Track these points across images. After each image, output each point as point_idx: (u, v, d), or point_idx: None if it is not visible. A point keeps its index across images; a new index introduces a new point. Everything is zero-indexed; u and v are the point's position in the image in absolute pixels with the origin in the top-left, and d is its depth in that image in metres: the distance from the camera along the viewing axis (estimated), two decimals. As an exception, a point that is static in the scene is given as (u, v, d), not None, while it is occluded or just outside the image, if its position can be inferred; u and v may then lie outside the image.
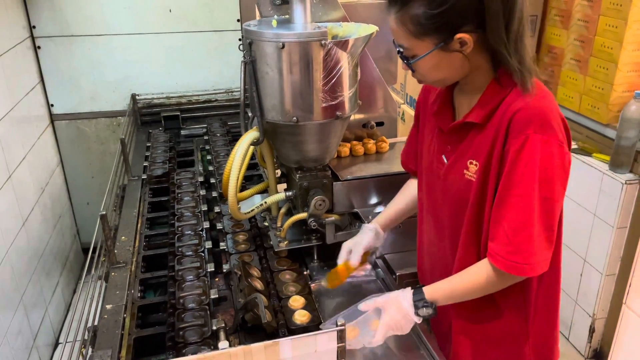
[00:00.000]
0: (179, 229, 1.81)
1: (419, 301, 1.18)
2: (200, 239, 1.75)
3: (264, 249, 1.73)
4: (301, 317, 1.41)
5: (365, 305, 1.25)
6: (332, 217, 1.60)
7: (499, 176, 1.10)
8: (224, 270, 1.66)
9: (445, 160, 1.23)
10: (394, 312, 1.20)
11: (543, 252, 1.09)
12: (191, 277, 1.56)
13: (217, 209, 1.97)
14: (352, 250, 1.46)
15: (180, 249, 1.69)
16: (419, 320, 1.20)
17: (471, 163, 1.16)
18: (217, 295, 1.47)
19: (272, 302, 1.46)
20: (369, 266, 1.57)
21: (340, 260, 1.47)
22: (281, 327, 1.37)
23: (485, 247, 1.16)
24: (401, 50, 1.13)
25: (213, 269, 1.60)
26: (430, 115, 1.30)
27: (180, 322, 1.38)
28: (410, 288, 1.22)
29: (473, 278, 1.17)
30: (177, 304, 1.44)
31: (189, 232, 1.79)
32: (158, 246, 1.85)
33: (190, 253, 1.68)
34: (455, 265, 1.26)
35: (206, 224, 1.84)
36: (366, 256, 1.48)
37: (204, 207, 1.96)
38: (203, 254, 1.67)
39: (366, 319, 1.24)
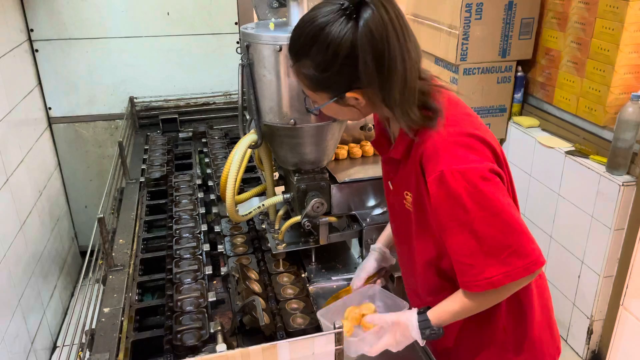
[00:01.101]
0: (177, 231, 1.81)
1: (425, 329, 1.16)
2: (198, 242, 1.75)
3: (261, 252, 1.73)
4: (299, 319, 1.41)
5: (372, 319, 1.23)
6: (326, 219, 1.60)
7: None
8: (222, 273, 1.66)
9: (391, 187, 1.27)
10: (399, 335, 1.18)
11: (521, 259, 1.04)
12: (189, 279, 1.55)
13: (215, 211, 1.97)
14: (355, 275, 1.47)
15: (178, 252, 1.69)
16: (423, 343, 1.18)
17: (407, 194, 1.18)
18: (214, 298, 1.47)
19: (270, 304, 1.46)
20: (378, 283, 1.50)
21: (354, 287, 1.46)
22: (279, 329, 1.37)
23: (449, 272, 1.18)
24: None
25: (211, 272, 1.60)
26: (372, 143, 1.34)
27: (178, 325, 1.37)
28: (415, 311, 1.19)
29: (453, 304, 1.15)
30: (175, 306, 1.44)
31: (187, 235, 1.79)
32: (156, 249, 1.84)
33: (188, 256, 1.67)
34: (419, 284, 1.29)
35: (204, 227, 1.84)
36: (373, 277, 1.47)
37: (202, 210, 1.96)
38: (201, 257, 1.67)
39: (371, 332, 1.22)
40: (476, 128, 1.09)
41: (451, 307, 1.16)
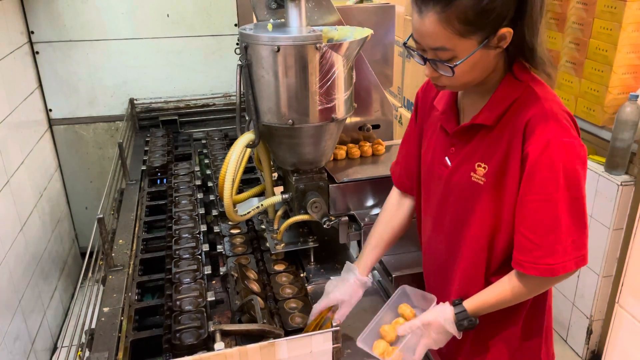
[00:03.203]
0: (177, 232, 1.82)
1: (463, 320, 1.15)
2: (197, 242, 1.75)
3: (260, 252, 1.74)
4: (298, 318, 1.42)
5: (404, 330, 1.20)
6: (346, 217, 1.60)
7: (519, 181, 1.08)
8: (221, 273, 1.66)
9: (449, 163, 1.20)
10: (434, 334, 1.17)
11: (578, 250, 1.07)
12: (188, 279, 1.56)
13: (214, 213, 1.98)
14: (340, 309, 1.36)
15: (177, 252, 1.70)
16: (459, 335, 1.17)
17: (479, 166, 1.13)
18: (214, 298, 1.47)
19: (268, 304, 1.47)
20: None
21: (316, 311, 1.37)
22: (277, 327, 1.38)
23: (496, 252, 1.16)
24: (437, 54, 1.04)
25: (210, 272, 1.60)
26: (432, 115, 1.28)
27: (177, 324, 1.38)
28: (449, 305, 1.17)
29: (500, 290, 1.14)
30: (174, 306, 1.45)
31: (186, 235, 1.80)
32: (156, 249, 1.85)
33: (188, 256, 1.68)
34: (459, 269, 1.24)
35: (203, 227, 1.84)
36: (328, 310, 1.37)
37: (202, 211, 1.97)
38: (200, 257, 1.68)
39: (407, 342, 1.20)
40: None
41: (493, 296, 1.15)
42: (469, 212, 1.18)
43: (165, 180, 2.33)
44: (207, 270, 1.60)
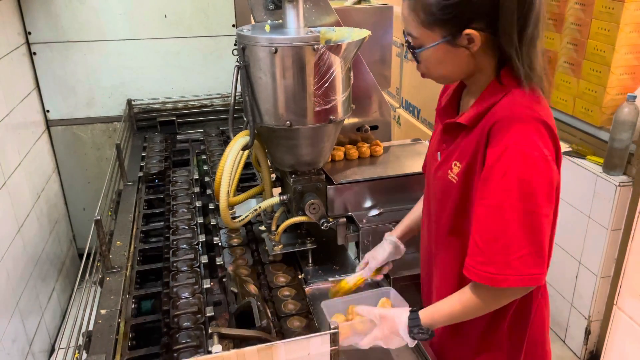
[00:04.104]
0: (174, 223, 1.82)
1: (414, 327, 1.14)
2: (194, 233, 1.75)
3: (258, 254, 1.74)
4: (296, 322, 1.41)
5: (362, 310, 1.23)
6: (344, 219, 1.60)
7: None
8: (219, 275, 1.66)
9: (439, 158, 1.22)
10: (387, 330, 1.17)
11: (527, 267, 1.03)
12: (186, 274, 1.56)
13: (213, 222, 1.97)
14: (368, 264, 1.47)
15: (175, 243, 1.70)
16: (412, 344, 1.16)
17: (455, 164, 1.14)
18: (209, 285, 1.47)
19: (266, 306, 1.47)
20: (380, 277, 1.53)
21: (358, 270, 1.49)
22: (277, 334, 1.37)
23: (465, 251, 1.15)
24: (409, 39, 1.11)
25: (208, 273, 1.60)
26: (438, 111, 1.31)
27: (175, 309, 1.38)
28: (408, 309, 1.17)
29: (465, 298, 1.12)
30: (172, 298, 1.44)
31: (184, 234, 1.80)
32: (153, 249, 1.85)
33: (185, 246, 1.68)
34: (436, 268, 1.26)
35: (200, 219, 1.84)
36: (381, 269, 1.49)
37: (199, 203, 1.97)
38: (197, 247, 1.68)
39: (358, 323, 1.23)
40: (552, 122, 1.06)
41: (446, 308, 1.14)
42: (444, 209, 1.20)
43: (163, 186, 2.30)
44: (205, 278, 1.59)
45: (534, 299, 1.22)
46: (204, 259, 1.59)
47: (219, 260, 1.68)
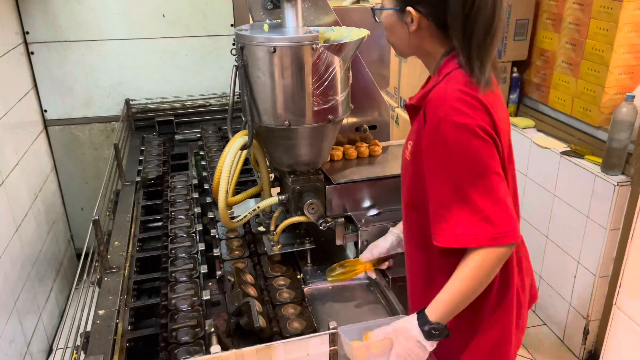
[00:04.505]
0: (172, 231, 1.81)
1: (424, 325, 1.12)
2: (193, 241, 1.75)
3: (257, 255, 1.73)
4: (295, 323, 1.41)
5: (375, 335, 1.20)
6: (342, 219, 1.60)
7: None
8: (217, 276, 1.65)
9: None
10: (403, 341, 1.15)
11: (493, 226, 1.05)
12: (184, 278, 1.55)
13: (210, 215, 1.97)
14: (367, 249, 1.52)
15: (173, 252, 1.69)
16: (432, 347, 1.14)
17: (409, 144, 1.22)
18: (209, 297, 1.46)
19: (265, 308, 1.46)
20: (373, 275, 1.55)
21: (362, 258, 1.53)
22: (274, 333, 1.37)
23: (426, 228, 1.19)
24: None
25: (206, 271, 1.59)
26: None
27: (173, 323, 1.37)
28: (415, 314, 1.16)
29: (456, 278, 1.12)
30: (170, 305, 1.44)
31: (182, 234, 1.79)
32: (152, 250, 1.84)
33: (184, 255, 1.67)
34: (405, 244, 1.32)
35: (199, 227, 1.83)
36: (381, 262, 1.53)
37: (198, 210, 1.96)
38: (196, 256, 1.67)
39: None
40: (488, 98, 1.10)
41: (446, 295, 1.14)
42: (404, 186, 1.28)
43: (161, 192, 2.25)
44: (204, 269, 1.59)
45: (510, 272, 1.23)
46: (204, 268, 1.58)
47: (216, 251, 1.68)
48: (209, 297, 1.45)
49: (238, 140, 1.51)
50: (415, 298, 1.36)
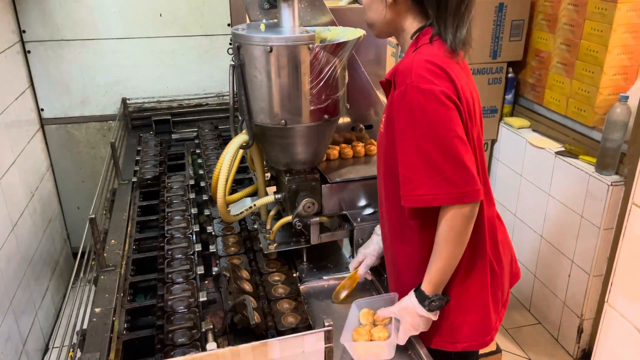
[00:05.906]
0: (169, 232, 1.81)
1: (424, 300, 1.23)
2: (189, 242, 1.75)
3: (253, 252, 1.74)
4: (290, 317, 1.42)
5: (381, 313, 1.34)
6: (317, 219, 1.61)
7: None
8: (214, 273, 1.66)
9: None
10: (409, 317, 1.26)
11: (455, 187, 1.12)
12: (180, 279, 1.56)
13: (207, 212, 1.97)
14: (364, 261, 1.54)
15: (169, 252, 1.69)
16: (435, 317, 1.25)
17: (384, 116, 1.28)
18: (205, 298, 1.47)
19: (260, 304, 1.47)
20: (369, 276, 1.61)
21: (351, 268, 1.57)
22: (270, 328, 1.38)
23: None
24: None
25: (202, 272, 1.60)
26: None
27: (169, 324, 1.38)
28: (413, 291, 1.26)
29: (435, 246, 1.21)
30: (166, 306, 1.44)
31: (179, 235, 1.79)
32: (148, 249, 1.84)
33: (180, 256, 1.68)
34: (385, 218, 1.37)
35: (196, 227, 1.84)
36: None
37: (194, 210, 1.96)
38: (193, 257, 1.67)
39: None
40: (453, 68, 1.16)
41: (433, 266, 1.22)
42: (380, 157, 1.33)
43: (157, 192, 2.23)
44: (200, 270, 1.59)
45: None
46: (200, 269, 1.59)
47: (212, 248, 1.69)
48: (205, 299, 1.47)
49: (238, 138, 1.52)
50: (390, 258, 1.43)
